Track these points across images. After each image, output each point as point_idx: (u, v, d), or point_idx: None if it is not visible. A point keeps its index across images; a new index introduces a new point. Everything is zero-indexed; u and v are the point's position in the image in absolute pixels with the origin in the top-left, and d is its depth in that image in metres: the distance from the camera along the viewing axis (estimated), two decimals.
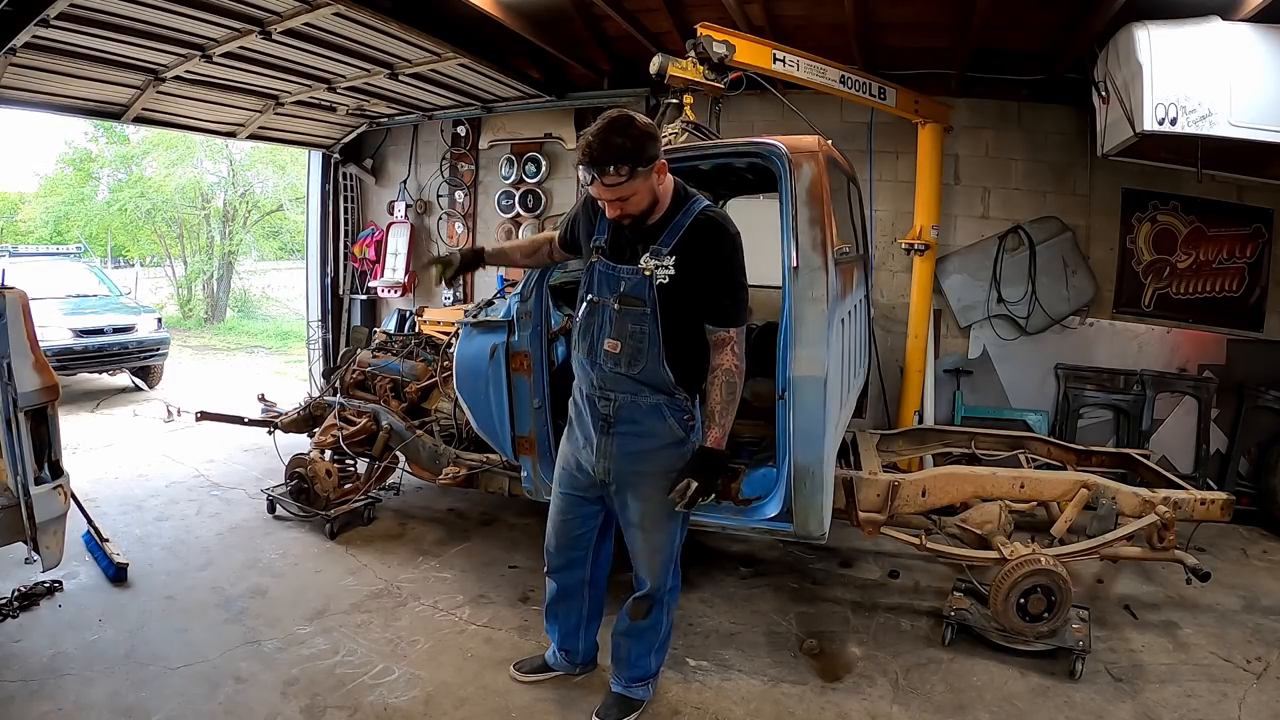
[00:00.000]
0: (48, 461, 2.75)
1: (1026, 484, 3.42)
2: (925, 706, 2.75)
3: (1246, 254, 5.07)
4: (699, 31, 3.56)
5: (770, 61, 3.83)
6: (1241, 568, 4.09)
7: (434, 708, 2.66)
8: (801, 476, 2.75)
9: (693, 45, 3.56)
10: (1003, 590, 2.95)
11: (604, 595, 2.82)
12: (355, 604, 3.36)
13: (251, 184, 15.66)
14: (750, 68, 3.75)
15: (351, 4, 4.17)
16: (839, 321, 2.93)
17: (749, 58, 3.71)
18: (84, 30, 4.35)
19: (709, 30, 3.57)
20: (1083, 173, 5.28)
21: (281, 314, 15.41)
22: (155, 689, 2.68)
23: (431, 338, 5.24)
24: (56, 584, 3.34)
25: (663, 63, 3.46)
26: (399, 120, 7.28)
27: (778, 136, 2.87)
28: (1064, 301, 5.27)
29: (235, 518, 4.31)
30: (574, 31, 5.45)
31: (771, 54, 3.83)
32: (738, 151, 3.03)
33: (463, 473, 3.86)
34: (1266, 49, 3.49)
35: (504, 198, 7.04)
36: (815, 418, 2.65)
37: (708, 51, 3.53)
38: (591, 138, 2.17)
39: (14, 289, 2.66)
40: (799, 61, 3.95)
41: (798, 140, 2.82)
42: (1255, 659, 3.12)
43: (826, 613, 3.42)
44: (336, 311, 7.95)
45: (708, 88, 3.65)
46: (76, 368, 7.44)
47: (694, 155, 3.07)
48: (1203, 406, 5.00)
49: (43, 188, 16.15)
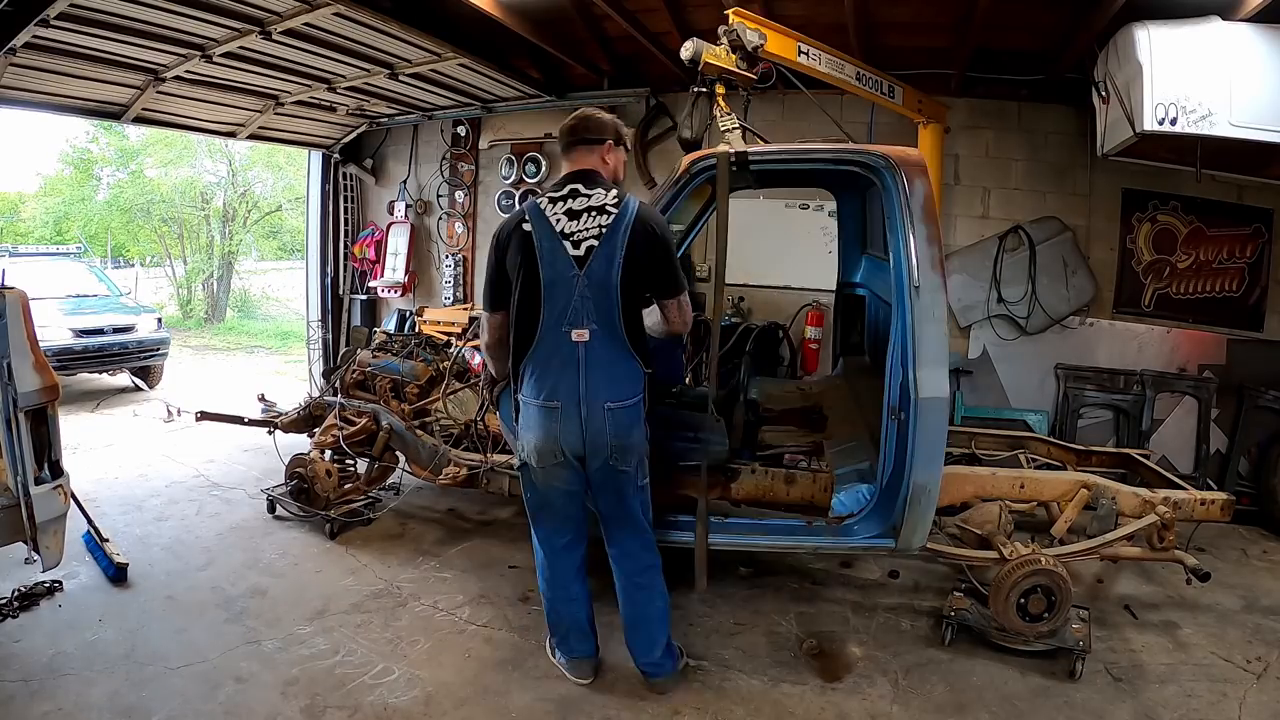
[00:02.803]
0: (48, 461, 2.75)
1: (1026, 484, 3.42)
2: (925, 706, 2.75)
3: (1246, 254, 5.07)
4: (731, 18, 3.42)
5: (795, 54, 3.76)
6: (1241, 568, 4.09)
7: (434, 708, 2.66)
8: (919, 495, 2.71)
9: (725, 32, 3.40)
10: (1003, 590, 2.95)
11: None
12: (355, 604, 3.36)
13: (251, 184, 15.66)
14: (778, 59, 3.67)
15: (351, 4, 4.18)
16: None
17: (777, 49, 3.63)
18: (84, 30, 4.35)
19: (742, 17, 3.43)
20: (1083, 173, 5.29)
21: (281, 314, 15.41)
22: (155, 689, 2.68)
23: (431, 338, 5.25)
24: (56, 584, 3.34)
25: (697, 48, 3.28)
26: (399, 120, 7.28)
27: (881, 146, 2.82)
28: (1064, 301, 5.28)
29: (235, 518, 4.31)
30: (574, 31, 5.45)
31: (797, 46, 3.77)
32: (837, 158, 2.97)
33: (463, 473, 3.86)
34: (1266, 49, 3.49)
35: (504, 198, 7.04)
36: (937, 438, 2.64)
37: (741, 39, 3.38)
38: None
39: (14, 289, 2.66)
40: (821, 55, 3.91)
41: (904, 152, 2.76)
42: (1255, 659, 3.12)
43: (826, 613, 3.42)
44: (336, 311, 7.96)
45: (740, 78, 3.48)
46: (76, 368, 7.43)
47: (791, 158, 3.04)
48: (1203, 406, 5.00)
49: (43, 188, 16.15)
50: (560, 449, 2.56)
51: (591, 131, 2.68)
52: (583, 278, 2.49)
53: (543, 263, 2.50)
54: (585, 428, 2.53)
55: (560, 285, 2.50)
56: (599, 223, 2.51)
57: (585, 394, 2.51)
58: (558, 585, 2.78)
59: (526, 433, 2.62)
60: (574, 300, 2.49)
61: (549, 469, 2.61)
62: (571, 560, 2.77)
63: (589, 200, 2.54)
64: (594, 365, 2.52)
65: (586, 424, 2.52)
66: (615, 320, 2.51)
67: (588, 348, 2.50)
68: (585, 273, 2.49)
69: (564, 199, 2.56)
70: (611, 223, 2.51)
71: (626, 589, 2.76)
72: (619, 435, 2.55)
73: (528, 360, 2.58)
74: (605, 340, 2.52)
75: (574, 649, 2.84)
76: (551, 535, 2.75)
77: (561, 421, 2.53)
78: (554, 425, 2.54)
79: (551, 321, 2.51)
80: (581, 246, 2.50)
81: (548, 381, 2.54)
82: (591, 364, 2.51)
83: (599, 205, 2.53)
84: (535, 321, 2.54)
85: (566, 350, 2.51)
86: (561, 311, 2.50)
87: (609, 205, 2.53)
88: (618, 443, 2.56)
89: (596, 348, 2.51)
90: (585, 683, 2.81)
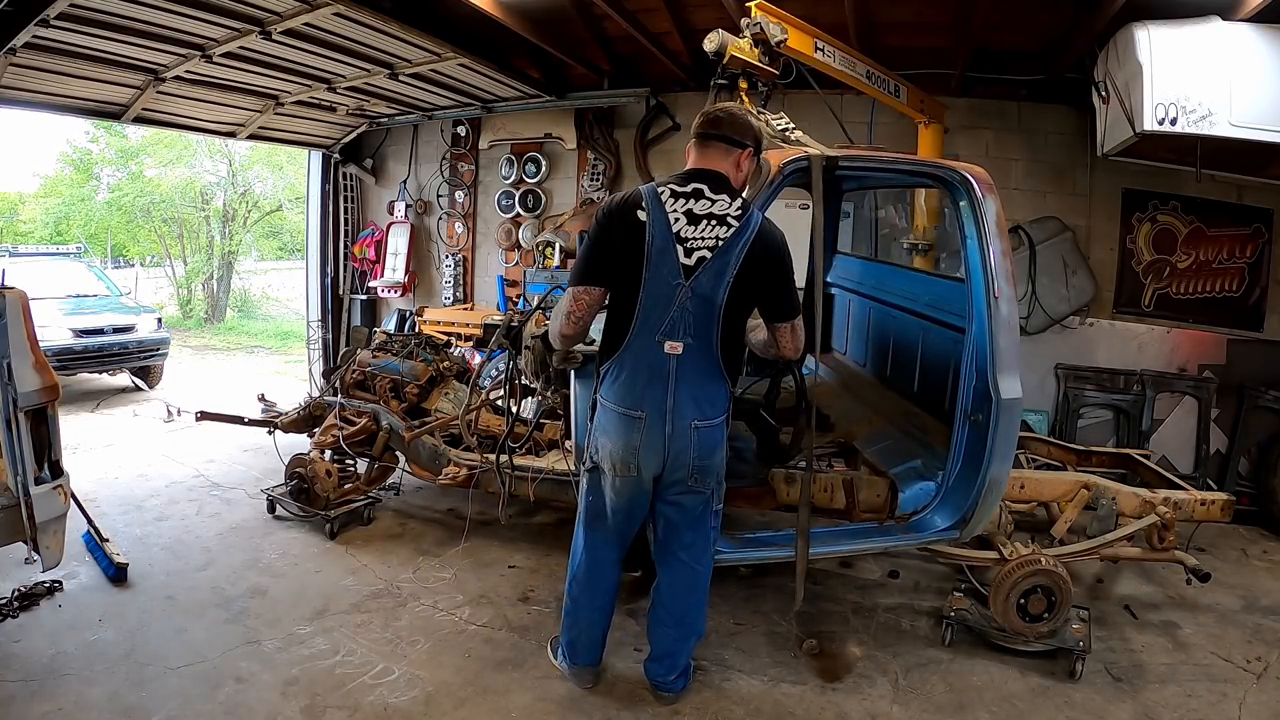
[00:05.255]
0: (48, 461, 2.75)
1: (1027, 484, 3.43)
2: (925, 706, 2.75)
3: (1246, 254, 5.07)
4: (754, 11, 3.37)
5: (812, 50, 3.75)
6: (1241, 568, 4.09)
7: (434, 708, 2.66)
8: (993, 487, 2.81)
9: (749, 25, 3.35)
10: (1003, 590, 2.95)
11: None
12: (355, 604, 3.36)
13: (251, 184, 15.66)
14: (797, 55, 3.64)
15: (351, 4, 4.17)
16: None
17: (796, 44, 3.59)
18: (84, 30, 4.35)
19: (765, 10, 3.39)
20: (1083, 173, 5.29)
21: (281, 314, 15.40)
22: (155, 689, 2.67)
23: (431, 338, 5.25)
24: (56, 584, 3.34)
25: (722, 40, 3.21)
26: (399, 120, 7.28)
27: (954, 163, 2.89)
28: (1064, 301, 5.27)
29: (235, 518, 4.31)
30: (574, 31, 5.45)
31: (814, 43, 3.76)
32: (916, 170, 3.05)
33: (463, 473, 3.86)
34: (1266, 49, 3.49)
35: (504, 198, 7.05)
36: (1013, 435, 2.79)
37: (765, 32, 3.32)
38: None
39: (14, 289, 2.66)
40: (836, 53, 3.90)
41: (975, 169, 2.84)
42: (1255, 659, 3.12)
43: (826, 613, 3.42)
44: (336, 311, 7.96)
45: (763, 73, 3.43)
46: (76, 368, 7.43)
47: (876, 166, 3.07)
48: (1203, 406, 5.00)
49: (43, 188, 16.15)
50: (637, 463, 2.43)
51: (735, 132, 2.46)
52: (688, 289, 2.33)
53: (648, 263, 2.33)
54: (668, 444, 2.40)
55: (662, 293, 2.34)
56: (717, 234, 2.33)
57: (672, 409, 2.39)
58: (588, 592, 2.69)
59: (602, 436, 2.49)
60: (673, 311, 2.34)
61: (622, 479, 2.48)
62: (611, 575, 2.70)
63: (711, 206, 2.36)
64: (684, 380, 2.38)
65: (670, 441, 2.40)
66: (713, 336, 2.38)
67: (679, 361, 2.37)
68: (691, 284, 2.33)
69: (687, 197, 2.37)
70: (730, 236, 2.33)
71: (664, 621, 2.67)
72: (703, 455, 2.44)
73: (613, 362, 2.44)
74: (699, 356, 2.39)
75: (579, 658, 2.77)
76: (600, 545, 2.65)
77: (644, 434, 2.40)
78: (635, 437, 2.41)
79: (645, 328, 2.37)
80: (693, 256, 2.33)
81: (634, 390, 2.41)
82: (682, 378, 2.38)
83: (721, 215, 2.35)
84: (625, 322, 2.39)
85: (657, 361, 2.38)
86: (658, 321, 2.36)
87: (731, 217, 2.35)
88: (700, 463, 2.45)
89: (689, 362, 2.38)
90: (586, 688, 2.78)
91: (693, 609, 2.68)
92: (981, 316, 2.73)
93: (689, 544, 2.60)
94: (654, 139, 6.41)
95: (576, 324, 2.46)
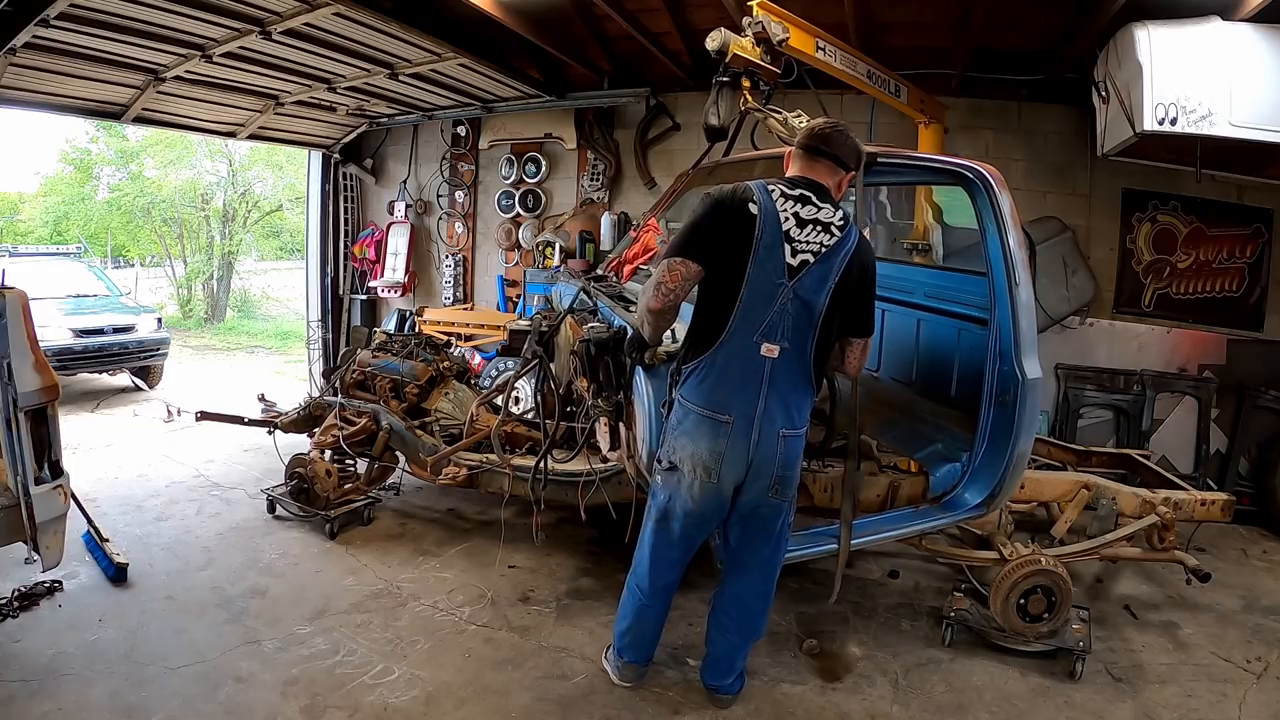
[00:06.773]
0: (48, 461, 2.75)
1: (1026, 484, 3.42)
2: (925, 706, 2.75)
3: (1246, 254, 5.07)
4: (755, 10, 3.36)
5: (814, 49, 3.75)
6: (1241, 568, 4.09)
7: (434, 708, 2.66)
8: (1020, 461, 2.88)
9: (750, 24, 3.35)
10: (1003, 590, 2.95)
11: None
12: (355, 604, 3.36)
13: (251, 184, 15.66)
14: (798, 54, 3.64)
15: (351, 4, 4.18)
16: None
17: (798, 43, 3.59)
18: (84, 30, 4.35)
19: (767, 9, 3.39)
20: (1083, 173, 5.29)
21: (281, 314, 15.40)
22: (155, 689, 2.67)
23: (431, 338, 5.25)
24: (56, 584, 3.34)
25: (725, 39, 3.21)
26: (399, 120, 7.28)
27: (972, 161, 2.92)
28: (1064, 301, 5.27)
29: (235, 518, 4.31)
30: (574, 31, 5.45)
31: (815, 42, 3.76)
32: (939, 168, 3.07)
33: (463, 473, 3.85)
34: (1266, 49, 3.49)
35: (504, 198, 7.05)
36: (1036, 411, 2.90)
37: (767, 31, 3.33)
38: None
39: (14, 289, 2.66)
40: (837, 52, 3.89)
41: (989, 167, 2.90)
42: (1255, 659, 3.12)
43: (826, 613, 3.41)
44: (336, 311, 7.97)
45: (766, 72, 3.41)
46: (76, 368, 7.43)
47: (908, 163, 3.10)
48: (1203, 406, 5.00)
49: (43, 187, 16.15)
50: (719, 470, 2.36)
51: (845, 154, 2.47)
52: (790, 290, 2.30)
53: (754, 258, 2.29)
54: (754, 452, 2.35)
55: (764, 290, 2.30)
56: (821, 240, 2.33)
57: (762, 414, 2.34)
58: (649, 590, 2.65)
59: (683, 439, 2.40)
60: (774, 312, 2.30)
61: (701, 485, 2.40)
62: (672, 574, 2.66)
63: (818, 213, 2.35)
64: (776, 385, 2.34)
65: (756, 448, 2.35)
66: (808, 343, 2.35)
67: (774, 365, 2.32)
68: (794, 286, 2.30)
69: (795, 200, 2.35)
70: (834, 244, 2.33)
71: (727, 628, 2.66)
72: (786, 465, 2.40)
73: (703, 361, 2.37)
74: (793, 361, 2.35)
75: (629, 654, 2.75)
76: (669, 548, 2.59)
77: (730, 439, 2.34)
78: (720, 442, 2.34)
79: (744, 326, 2.31)
80: (798, 258, 2.30)
81: (723, 392, 2.35)
82: (774, 383, 2.33)
83: (826, 222, 2.35)
84: (722, 318, 2.33)
85: (753, 362, 2.32)
86: (758, 320, 2.30)
87: (835, 225, 2.35)
88: (783, 473, 2.41)
89: (783, 367, 2.33)
90: (627, 686, 2.76)
91: (757, 615, 2.67)
92: (1004, 303, 2.83)
93: (762, 553, 2.58)
94: (654, 139, 6.41)
95: (666, 297, 2.34)
